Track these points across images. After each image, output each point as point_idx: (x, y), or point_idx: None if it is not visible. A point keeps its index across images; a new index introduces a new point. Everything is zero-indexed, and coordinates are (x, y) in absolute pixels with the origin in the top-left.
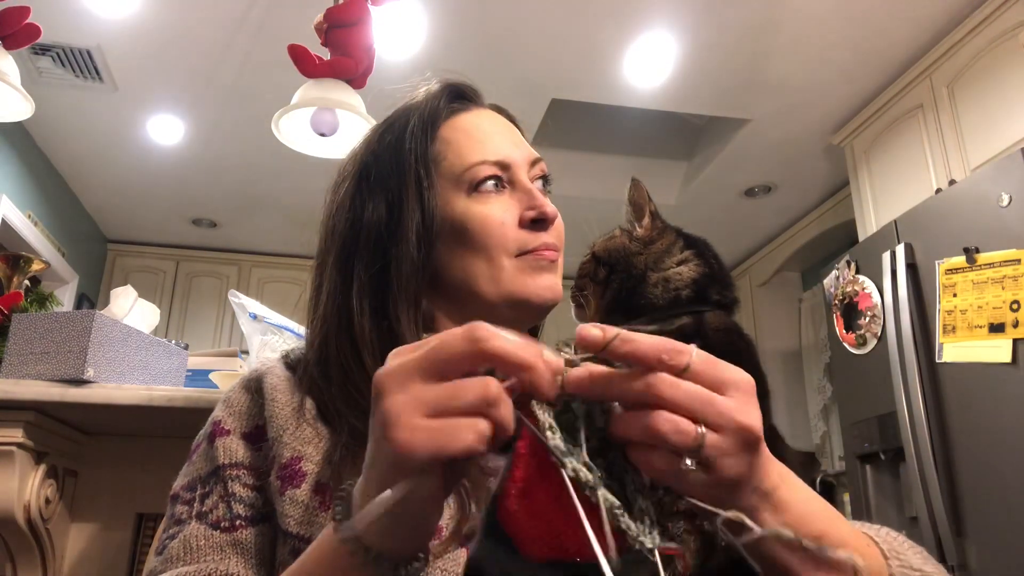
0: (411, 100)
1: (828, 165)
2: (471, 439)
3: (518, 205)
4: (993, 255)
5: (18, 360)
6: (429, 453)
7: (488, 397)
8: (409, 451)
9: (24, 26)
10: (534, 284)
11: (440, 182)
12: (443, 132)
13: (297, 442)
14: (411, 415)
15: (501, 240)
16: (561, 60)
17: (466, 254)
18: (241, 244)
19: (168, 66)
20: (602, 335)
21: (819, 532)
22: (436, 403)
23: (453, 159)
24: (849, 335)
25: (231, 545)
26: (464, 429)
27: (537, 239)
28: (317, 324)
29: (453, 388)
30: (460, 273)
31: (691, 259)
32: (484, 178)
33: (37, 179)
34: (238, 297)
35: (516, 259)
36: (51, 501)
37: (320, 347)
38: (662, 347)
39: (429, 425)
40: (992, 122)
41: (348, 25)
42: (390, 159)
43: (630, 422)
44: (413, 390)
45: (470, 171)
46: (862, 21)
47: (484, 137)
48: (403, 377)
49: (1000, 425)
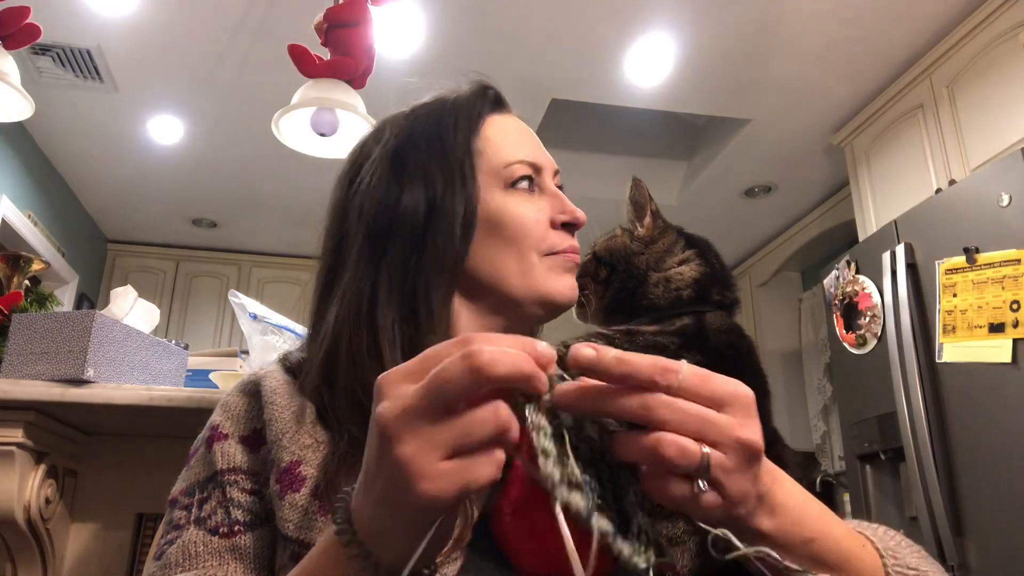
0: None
1: (828, 165)
2: (492, 472)
3: (548, 207)
4: (993, 255)
5: (18, 360)
6: (456, 495)
7: (501, 428)
8: (437, 499)
9: (24, 26)
10: (560, 283)
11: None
12: (484, 128)
13: (296, 446)
14: (431, 462)
15: (534, 238)
16: (561, 60)
17: (498, 248)
18: (241, 244)
19: (168, 66)
20: (596, 356)
21: (813, 534)
22: (453, 444)
23: (492, 155)
24: (849, 335)
25: (230, 551)
26: (484, 464)
27: (565, 241)
28: (330, 316)
29: (466, 426)
30: (488, 267)
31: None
32: (520, 177)
33: (37, 179)
34: (238, 297)
35: (545, 258)
36: (51, 501)
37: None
38: (655, 366)
39: (451, 469)
40: (992, 122)
41: (348, 25)
42: (430, 147)
43: (631, 445)
44: (425, 434)
45: (508, 168)
46: (862, 21)
47: (520, 139)
48: (411, 420)
49: (1000, 425)
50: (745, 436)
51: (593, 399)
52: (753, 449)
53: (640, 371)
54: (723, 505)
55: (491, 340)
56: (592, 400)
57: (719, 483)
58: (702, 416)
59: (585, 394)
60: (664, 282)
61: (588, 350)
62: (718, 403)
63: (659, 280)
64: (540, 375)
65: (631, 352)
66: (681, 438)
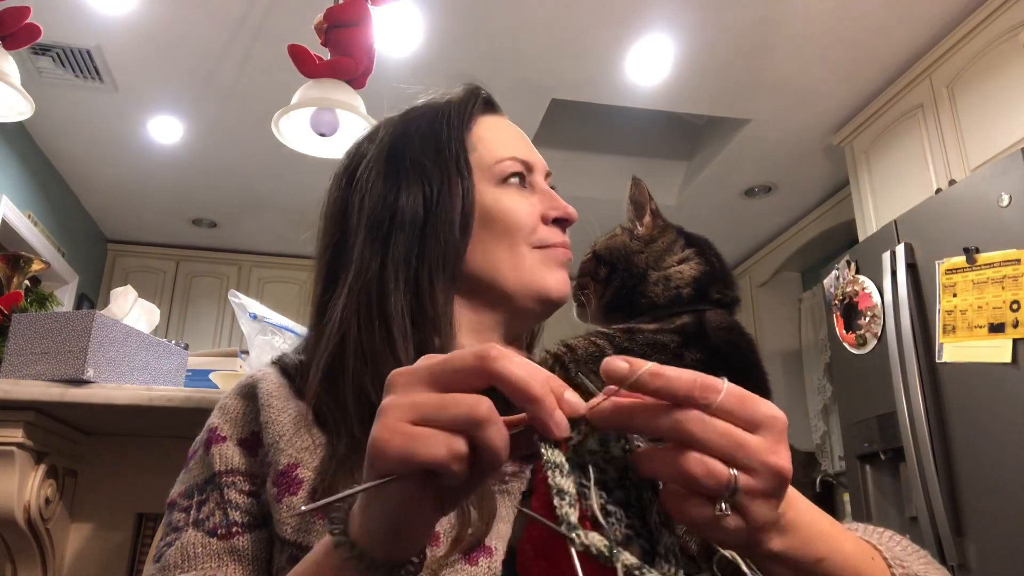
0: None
1: (828, 165)
2: (440, 453)
3: (540, 203)
4: (993, 255)
5: (18, 360)
6: (396, 458)
7: (475, 416)
8: (381, 452)
9: (24, 26)
10: (551, 277)
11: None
12: (476, 128)
13: (294, 449)
14: (398, 418)
15: (526, 232)
16: (561, 60)
17: (491, 241)
18: (241, 244)
19: (168, 66)
20: (629, 369)
21: (823, 554)
22: (424, 411)
23: (484, 152)
24: (849, 335)
25: (228, 552)
26: (437, 442)
27: (557, 236)
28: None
29: (443, 399)
30: (482, 260)
31: (692, 257)
32: (512, 173)
33: (37, 179)
34: (238, 297)
35: (536, 251)
36: (51, 501)
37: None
38: (695, 383)
39: (406, 431)
40: (992, 122)
41: (348, 25)
42: (425, 144)
43: (658, 461)
44: (412, 394)
45: (500, 164)
46: (862, 21)
47: (511, 138)
48: (411, 379)
49: (1000, 425)
50: (777, 462)
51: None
52: (783, 476)
53: (677, 386)
54: (745, 530)
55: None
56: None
57: (744, 508)
58: (735, 438)
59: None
60: (664, 280)
61: (621, 363)
62: (753, 425)
63: (659, 279)
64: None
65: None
66: (709, 458)
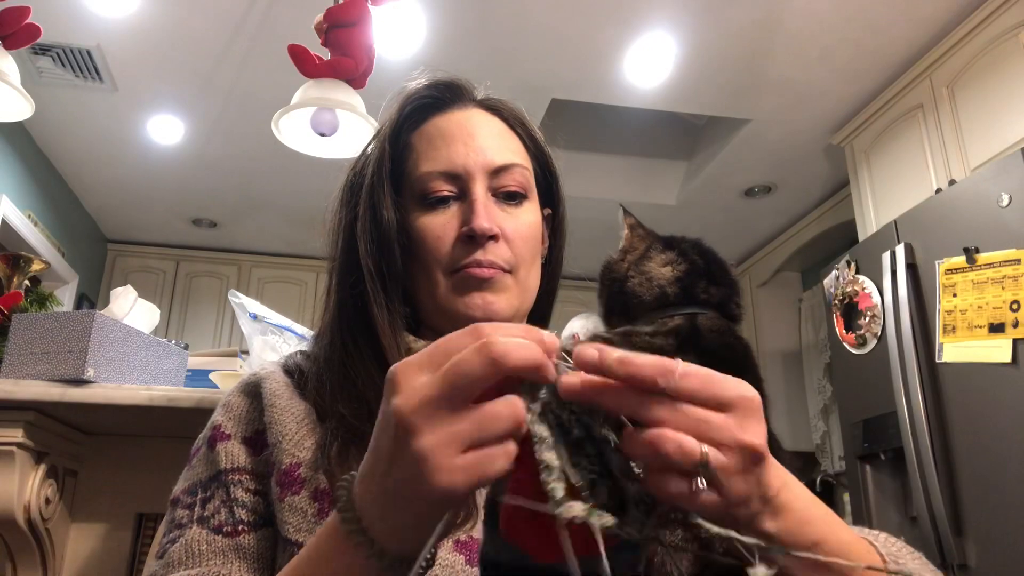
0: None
1: (828, 165)
2: (505, 465)
3: (458, 220)
4: (993, 255)
5: (18, 360)
6: (470, 488)
7: (517, 422)
8: (453, 492)
9: (24, 26)
10: (462, 303)
11: (404, 192)
12: (412, 139)
13: (296, 448)
14: (449, 456)
15: (436, 256)
16: (561, 60)
17: (415, 267)
18: (241, 244)
19: (168, 66)
20: (599, 357)
21: (818, 537)
22: (470, 438)
23: (411, 169)
24: (849, 335)
25: (233, 550)
26: (499, 457)
27: (467, 255)
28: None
29: (484, 419)
30: (411, 283)
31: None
32: (431, 189)
33: (37, 179)
34: (238, 297)
35: (451, 276)
36: (51, 501)
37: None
38: (657, 367)
39: (468, 462)
40: (992, 122)
41: (348, 25)
42: (361, 168)
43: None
44: (444, 426)
45: (419, 182)
46: (862, 21)
47: (444, 144)
48: (430, 411)
49: (1000, 425)
50: (746, 439)
51: (597, 393)
52: (754, 452)
53: (642, 372)
54: (722, 505)
55: (500, 329)
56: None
57: (718, 483)
58: (699, 417)
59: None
60: (646, 281)
61: (592, 350)
62: (721, 405)
63: (641, 280)
64: (549, 364)
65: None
66: (681, 435)
